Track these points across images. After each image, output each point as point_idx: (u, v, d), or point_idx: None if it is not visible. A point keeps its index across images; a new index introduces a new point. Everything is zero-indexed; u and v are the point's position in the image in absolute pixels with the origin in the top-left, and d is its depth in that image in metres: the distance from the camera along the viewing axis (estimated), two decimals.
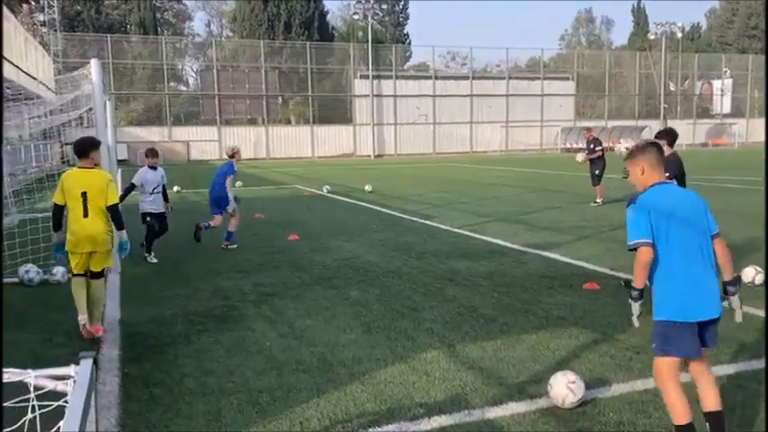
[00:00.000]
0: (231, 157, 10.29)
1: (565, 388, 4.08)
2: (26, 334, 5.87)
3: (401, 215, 14.02)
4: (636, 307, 3.55)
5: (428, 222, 12.84)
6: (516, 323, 5.98)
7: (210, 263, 9.01)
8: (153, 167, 9.13)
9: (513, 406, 4.19)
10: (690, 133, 57.85)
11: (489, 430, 3.90)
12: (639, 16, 73.08)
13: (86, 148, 5.94)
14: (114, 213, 5.92)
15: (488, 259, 9.00)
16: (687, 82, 61.44)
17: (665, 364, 3.45)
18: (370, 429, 3.91)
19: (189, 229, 10.55)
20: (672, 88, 60.33)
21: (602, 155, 15.39)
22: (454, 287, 7.40)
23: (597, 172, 15.20)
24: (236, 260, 9.25)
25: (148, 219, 9.06)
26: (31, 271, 7.94)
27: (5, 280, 7.75)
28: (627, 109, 59.92)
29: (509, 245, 10.07)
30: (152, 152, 9.29)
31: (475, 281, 7.68)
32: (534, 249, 9.60)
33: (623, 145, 7.39)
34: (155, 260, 9.03)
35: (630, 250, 3.45)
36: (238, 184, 22.67)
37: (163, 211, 9.18)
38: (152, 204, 9.06)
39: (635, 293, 3.52)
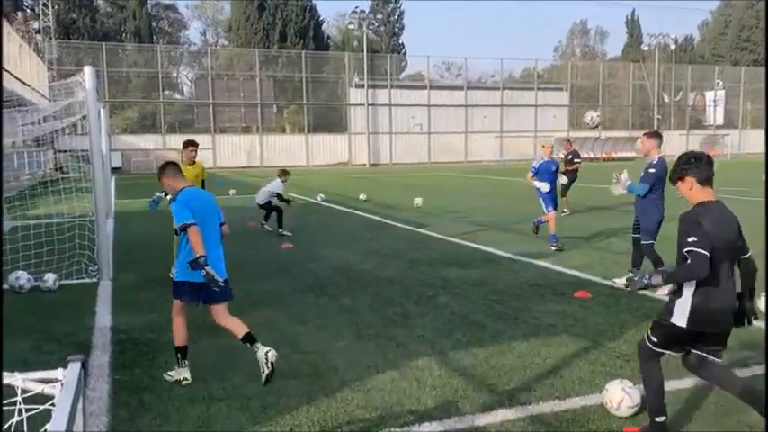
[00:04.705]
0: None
1: (621, 391, 4.09)
2: (16, 341, 5.84)
3: (395, 224, 14.03)
4: None
5: (422, 231, 12.86)
6: (507, 331, 5.99)
7: None
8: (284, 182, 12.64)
9: (503, 413, 4.20)
10: (683, 144, 58.23)
11: None
12: (633, 28, 73.67)
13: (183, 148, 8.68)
14: None
15: (481, 267, 9.02)
16: (680, 93, 61.90)
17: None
18: None
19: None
20: (665, 99, 60.77)
21: (577, 168, 15.94)
22: (446, 295, 7.41)
23: (565, 183, 15.38)
24: (229, 268, 9.21)
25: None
26: (21, 278, 7.90)
27: None
28: (620, 120, 60.27)
29: (501, 253, 10.09)
30: (286, 173, 12.98)
31: (467, 289, 7.69)
32: (526, 258, 9.63)
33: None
34: (289, 233, 12.20)
35: None
36: (231, 191, 22.69)
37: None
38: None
39: None
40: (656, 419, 3.73)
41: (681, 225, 3.64)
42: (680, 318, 3.62)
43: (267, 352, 4.60)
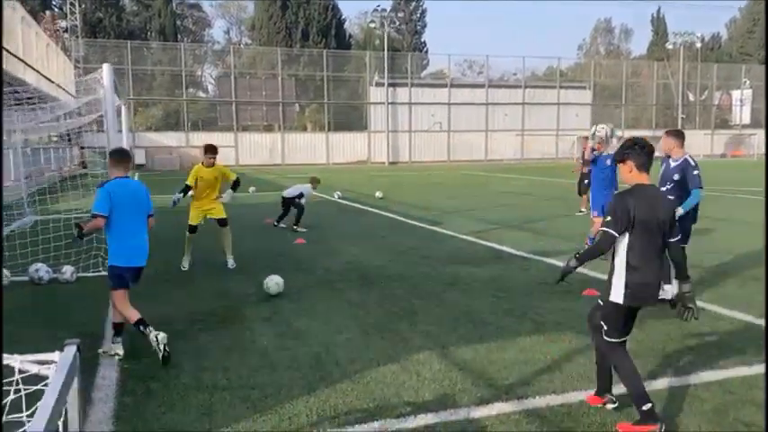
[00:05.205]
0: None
1: None
2: (32, 331, 6.03)
3: (409, 221, 14.09)
4: None
5: (436, 228, 12.90)
6: (512, 327, 6.03)
7: (215, 265, 9.15)
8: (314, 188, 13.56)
9: (499, 406, 4.24)
10: (708, 144, 57.38)
11: (473, 429, 3.96)
12: (659, 26, 72.68)
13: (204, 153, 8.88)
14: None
15: (491, 265, 9.04)
16: (706, 92, 60.91)
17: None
18: (357, 426, 3.99)
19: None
20: (690, 98, 59.88)
21: None
22: (454, 292, 7.46)
23: (587, 181, 15.25)
24: (241, 262, 9.38)
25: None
26: (41, 270, 8.12)
27: (16, 278, 7.96)
28: (644, 119, 59.54)
29: (513, 251, 10.10)
30: (317, 181, 13.81)
31: (475, 286, 7.73)
32: (538, 256, 9.63)
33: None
34: (303, 229, 12.46)
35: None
36: (251, 189, 22.90)
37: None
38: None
39: None
40: (643, 408, 3.78)
41: (610, 203, 3.97)
42: (617, 295, 3.90)
43: (158, 335, 5.10)
